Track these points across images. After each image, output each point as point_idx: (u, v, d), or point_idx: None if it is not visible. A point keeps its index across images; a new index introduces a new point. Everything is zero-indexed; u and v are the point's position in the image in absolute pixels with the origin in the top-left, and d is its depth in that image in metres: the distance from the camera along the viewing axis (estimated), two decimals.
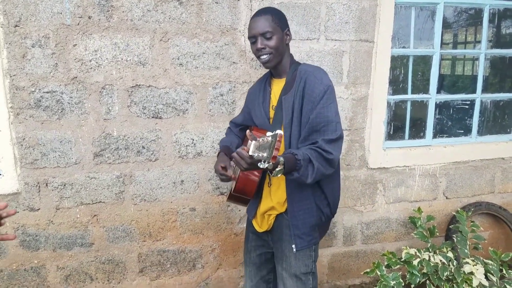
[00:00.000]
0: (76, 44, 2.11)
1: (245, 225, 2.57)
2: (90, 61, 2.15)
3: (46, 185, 2.22)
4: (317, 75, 1.58)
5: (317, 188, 1.65)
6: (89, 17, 2.11)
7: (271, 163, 1.22)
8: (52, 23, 2.08)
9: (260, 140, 1.23)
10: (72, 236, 2.31)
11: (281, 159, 1.38)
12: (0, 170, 2.16)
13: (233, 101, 2.39)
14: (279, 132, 1.19)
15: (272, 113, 1.69)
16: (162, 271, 2.51)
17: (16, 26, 2.05)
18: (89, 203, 2.30)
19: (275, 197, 1.70)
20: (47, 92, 2.13)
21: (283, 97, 1.62)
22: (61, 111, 2.17)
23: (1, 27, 2.04)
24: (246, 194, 1.67)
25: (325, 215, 1.70)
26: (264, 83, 1.77)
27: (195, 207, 2.47)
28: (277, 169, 1.37)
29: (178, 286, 2.55)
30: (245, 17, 2.31)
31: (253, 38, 1.61)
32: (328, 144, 1.51)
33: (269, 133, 1.23)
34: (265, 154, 1.20)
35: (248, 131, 1.34)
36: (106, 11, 2.12)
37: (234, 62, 2.35)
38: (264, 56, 1.60)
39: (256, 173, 1.63)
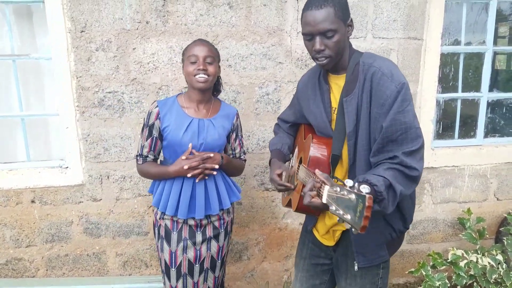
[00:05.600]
0: (135, 48, 2.28)
1: (289, 221, 2.65)
2: (148, 63, 2.31)
3: (108, 177, 2.42)
4: (386, 71, 1.30)
5: None
6: (147, 22, 2.26)
7: (357, 231, 0.94)
8: (114, 28, 2.25)
9: (338, 190, 1.01)
10: (130, 225, 2.50)
11: None
12: (65, 163, 2.38)
13: (278, 100, 2.47)
14: (368, 195, 0.91)
15: (334, 116, 1.45)
16: None
17: (82, 31, 2.24)
18: (145, 195, 2.47)
19: None
20: (109, 92, 2.32)
21: (344, 99, 1.37)
22: (122, 110, 2.35)
23: (69, 32, 2.24)
24: (312, 213, 1.53)
25: (396, 230, 1.46)
26: (318, 79, 1.53)
27: (241, 201, 2.58)
28: None
29: (225, 276, 2.68)
30: (291, 18, 2.37)
31: (308, 36, 1.34)
32: (409, 157, 1.26)
33: (349, 182, 0.99)
34: (348, 217, 0.96)
35: (317, 171, 1.14)
36: (162, 16, 2.26)
37: (280, 62, 2.42)
38: (323, 60, 1.35)
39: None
